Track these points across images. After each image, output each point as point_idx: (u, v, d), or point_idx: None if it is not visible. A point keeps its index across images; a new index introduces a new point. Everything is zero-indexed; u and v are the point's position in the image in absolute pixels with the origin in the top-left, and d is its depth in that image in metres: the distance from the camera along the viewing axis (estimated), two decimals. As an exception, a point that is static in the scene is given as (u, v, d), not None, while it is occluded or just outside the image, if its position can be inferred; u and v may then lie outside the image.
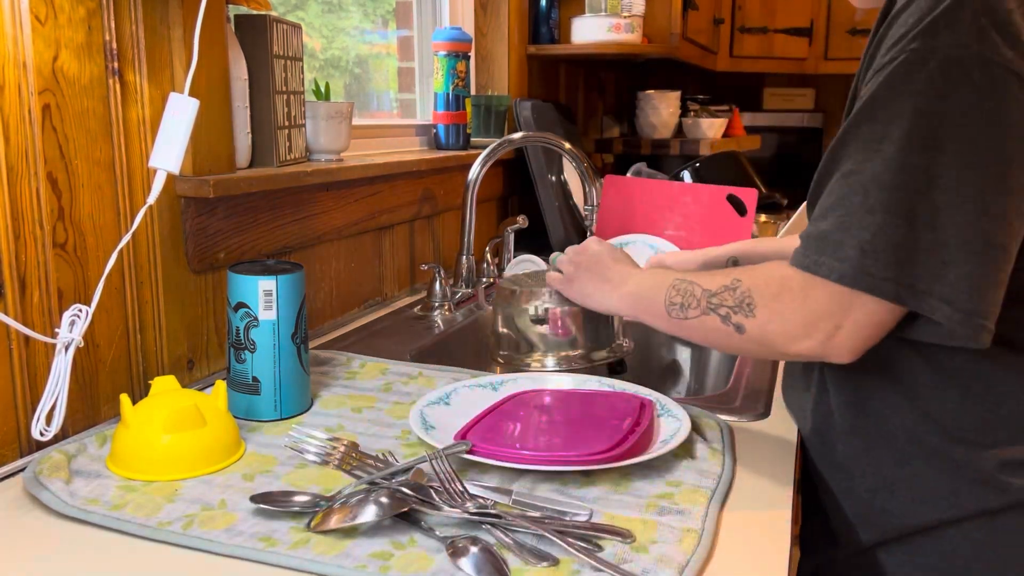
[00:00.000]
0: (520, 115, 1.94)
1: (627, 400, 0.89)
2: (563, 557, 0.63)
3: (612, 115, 3.03)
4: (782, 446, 0.87)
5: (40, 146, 0.82)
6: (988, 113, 0.67)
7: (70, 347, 0.78)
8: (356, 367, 1.09)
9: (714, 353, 1.35)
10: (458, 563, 0.62)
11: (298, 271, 0.91)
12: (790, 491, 0.77)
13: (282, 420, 0.91)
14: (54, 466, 0.76)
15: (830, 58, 3.02)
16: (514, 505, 0.71)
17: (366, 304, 1.44)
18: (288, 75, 1.16)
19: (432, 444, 0.79)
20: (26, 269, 0.82)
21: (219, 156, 1.04)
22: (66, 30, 0.84)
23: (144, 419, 0.78)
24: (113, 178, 0.91)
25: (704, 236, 1.64)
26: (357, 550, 0.64)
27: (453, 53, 1.67)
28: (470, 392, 0.95)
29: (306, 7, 1.50)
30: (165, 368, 1.00)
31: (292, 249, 1.22)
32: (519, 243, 2.07)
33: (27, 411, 0.83)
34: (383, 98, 1.81)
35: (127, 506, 0.71)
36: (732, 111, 2.73)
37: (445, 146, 1.72)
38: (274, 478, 0.77)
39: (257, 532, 0.67)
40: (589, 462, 0.75)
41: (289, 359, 0.91)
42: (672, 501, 0.72)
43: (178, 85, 0.97)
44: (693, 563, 0.63)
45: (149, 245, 0.96)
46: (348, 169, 1.26)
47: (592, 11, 2.01)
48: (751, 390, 1.03)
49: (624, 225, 1.71)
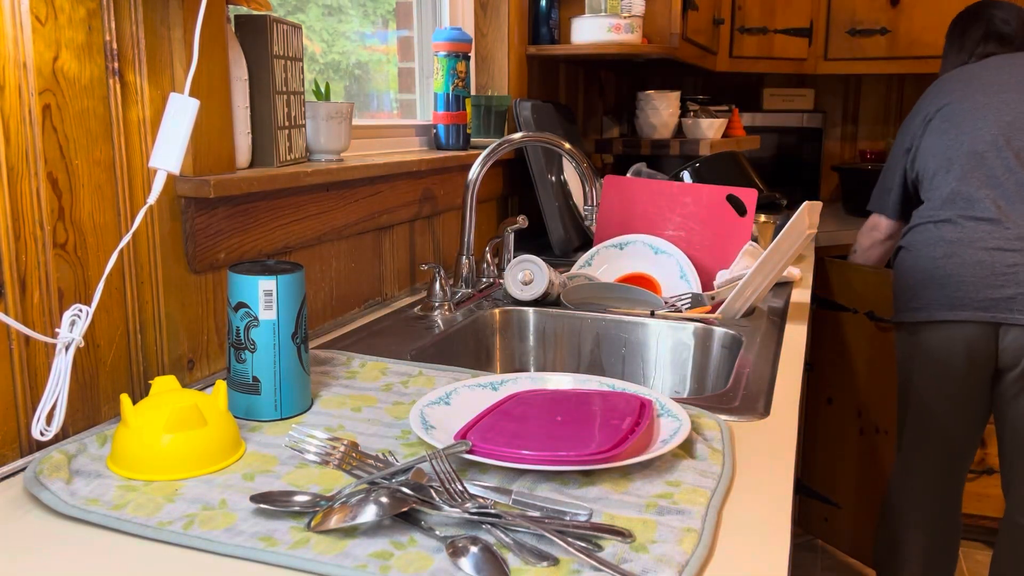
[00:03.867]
0: (520, 115, 1.94)
1: (627, 400, 0.89)
2: (563, 557, 0.63)
3: (612, 115, 3.03)
4: (782, 446, 0.87)
5: (40, 146, 0.82)
6: None
7: (70, 347, 0.78)
8: (356, 367, 1.09)
9: (714, 353, 1.35)
10: (458, 563, 0.62)
11: (298, 271, 0.91)
12: (790, 491, 0.77)
13: (282, 420, 0.92)
14: (54, 466, 0.76)
15: (830, 58, 3.02)
16: (514, 505, 0.71)
17: (366, 304, 1.44)
18: (288, 75, 1.16)
19: (432, 444, 0.79)
20: (26, 269, 0.82)
21: (219, 156, 1.04)
22: (66, 30, 0.84)
23: (144, 419, 0.78)
24: (113, 178, 0.91)
25: (704, 236, 1.64)
26: (357, 550, 0.64)
27: (453, 53, 1.67)
28: (470, 392, 0.96)
29: (306, 10, 1.50)
30: (165, 368, 1.00)
31: (292, 249, 1.22)
32: (519, 243, 2.08)
33: (27, 411, 0.83)
34: (383, 98, 1.81)
35: (127, 506, 0.71)
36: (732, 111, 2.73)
37: (445, 146, 1.72)
38: (274, 478, 0.77)
39: (257, 532, 0.67)
40: (589, 462, 0.75)
41: (289, 359, 0.91)
42: (672, 501, 0.72)
43: (178, 85, 0.98)
44: (693, 563, 0.63)
45: (149, 245, 0.96)
46: (348, 169, 1.26)
47: (592, 11, 2.01)
48: (751, 390, 1.04)
49: (624, 225, 1.71)
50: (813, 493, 2.56)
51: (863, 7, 2.94)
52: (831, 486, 2.50)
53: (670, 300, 1.49)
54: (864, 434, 2.37)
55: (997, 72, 1.92)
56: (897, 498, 2.04)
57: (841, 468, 2.45)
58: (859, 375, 2.37)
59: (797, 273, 1.70)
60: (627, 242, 1.63)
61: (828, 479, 2.50)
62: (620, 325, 1.42)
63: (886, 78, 3.30)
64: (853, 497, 2.44)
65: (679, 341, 1.38)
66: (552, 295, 1.48)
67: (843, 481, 2.45)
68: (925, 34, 2.88)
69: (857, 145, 3.38)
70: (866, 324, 2.32)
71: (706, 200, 1.65)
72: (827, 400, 2.47)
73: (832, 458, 2.48)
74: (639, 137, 2.53)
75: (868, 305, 2.30)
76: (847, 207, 3.08)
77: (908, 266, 1.92)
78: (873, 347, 2.31)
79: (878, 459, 2.35)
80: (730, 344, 1.31)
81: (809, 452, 2.55)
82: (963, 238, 1.81)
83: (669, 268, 1.58)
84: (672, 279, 1.57)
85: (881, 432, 2.32)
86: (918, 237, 1.91)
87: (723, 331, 1.33)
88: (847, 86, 3.36)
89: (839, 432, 2.45)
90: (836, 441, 2.46)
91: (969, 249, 1.80)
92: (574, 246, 1.99)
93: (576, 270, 1.61)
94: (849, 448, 2.42)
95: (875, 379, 2.32)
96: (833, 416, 2.46)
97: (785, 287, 1.65)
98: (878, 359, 2.31)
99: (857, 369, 2.37)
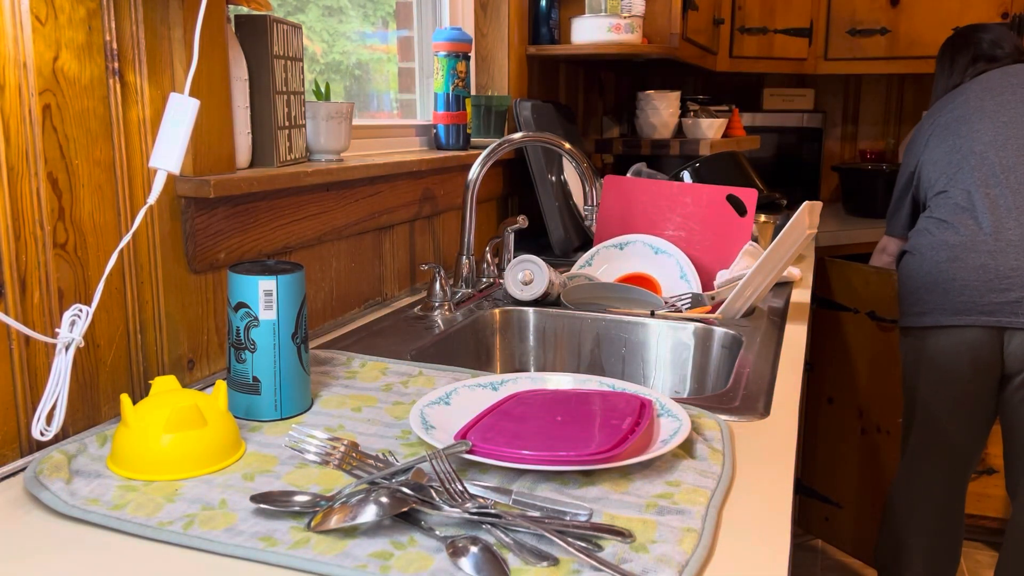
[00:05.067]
0: (520, 115, 1.94)
1: (627, 400, 0.89)
2: (563, 557, 0.63)
3: (612, 115, 3.03)
4: (782, 446, 0.87)
5: (40, 146, 0.82)
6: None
7: (70, 347, 0.78)
8: (356, 367, 1.09)
9: (714, 353, 1.35)
10: (458, 563, 0.62)
11: (298, 271, 0.91)
12: (790, 491, 0.77)
13: (282, 420, 0.92)
14: (54, 466, 0.76)
15: (830, 58, 3.02)
16: (514, 505, 0.71)
17: (366, 304, 1.44)
18: (288, 75, 1.16)
19: (432, 444, 0.79)
20: (26, 269, 0.82)
21: (219, 156, 1.04)
22: (66, 30, 0.84)
23: (144, 419, 0.78)
24: (113, 178, 0.91)
25: (704, 236, 1.64)
26: (357, 550, 0.64)
27: (453, 53, 1.67)
28: (470, 392, 0.96)
29: (306, 10, 1.50)
30: (165, 368, 1.00)
31: (292, 249, 1.22)
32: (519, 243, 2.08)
33: (27, 411, 0.83)
34: (383, 98, 1.81)
35: (127, 506, 0.71)
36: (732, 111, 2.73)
37: (445, 146, 1.72)
38: (274, 478, 0.77)
39: (257, 532, 0.67)
40: (589, 462, 0.75)
41: (289, 359, 0.91)
42: (672, 501, 0.72)
43: (178, 85, 0.98)
44: (693, 563, 0.63)
45: (149, 245, 0.96)
46: (348, 169, 1.26)
47: (592, 11, 2.01)
48: (751, 390, 1.04)
49: (624, 225, 1.71)
50: (813, 493, 2.56)
51: (863, 7, 2.94)
52: (831, 486, 2.50)
53: (670, 300, 1.49)
54: (865, 434, 2.37)
55: (989, 80, 1.94)
56: (901, 502, 2.04)
57: (842, 468, 2.45)
58: (860, 375, 2.37)
59: (797, 273, 1.70)
60: (627, 242, 1.63)
61: (828, 479, 2.50)
62: (620, 325, 1.42)
63: (886, 78, 3.30)
64: (854, 497, 2.44)
65: (679, 341, 1.38)
66: (552, 295, 1.48)
67: (844, 481, 2.46)
68: (925, 34, 2.88)
69: (857, 145, 3.38)
70: (867, 324, 2.32)
71: (706, 200, 1.65)
72: (827, 400, 2.47)
73: (832, 458, 2.48)
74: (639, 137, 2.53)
75: (869, 305, 2.30)
76: (847, 207, 3.08)
77: (912, 270, 1.92)
78: (874, 347, 2.31)
79: (879, 459, 2.35)
80: (730, 344, 1.31)
81: (809, 452, 2.55)
82: (965, 242, 1.81)
83: (669, 268, 1.58)
84: (672, 279, 1.57)
85: (882, 432, 2.32)
86: (922, 241, 1.90)
87: (723, 331, 1.33)
88: (847, 86, 3.36)
89: (840, 432, 2.45)
90: (837, 441, 2.46)
91: (972, 253, 1.79)
92: (574, 246, 1.99)
93: (576, 270, 1.61)
94: (850, 448, 2.42)
95: (876, 379, 2.32)
96: (834, 416, 2.46)
97: (785, 287, 1.65)
98: (879, 359, 2.31)
99: (858, 369, 2.37)
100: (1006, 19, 2.74)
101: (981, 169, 1.82)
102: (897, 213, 2.12)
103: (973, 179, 1.83)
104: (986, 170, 1.82)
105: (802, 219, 1.30)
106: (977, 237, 1.79)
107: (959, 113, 1.92)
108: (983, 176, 1.82)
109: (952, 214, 1.85)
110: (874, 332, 2.31)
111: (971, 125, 1.87)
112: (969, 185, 1.83)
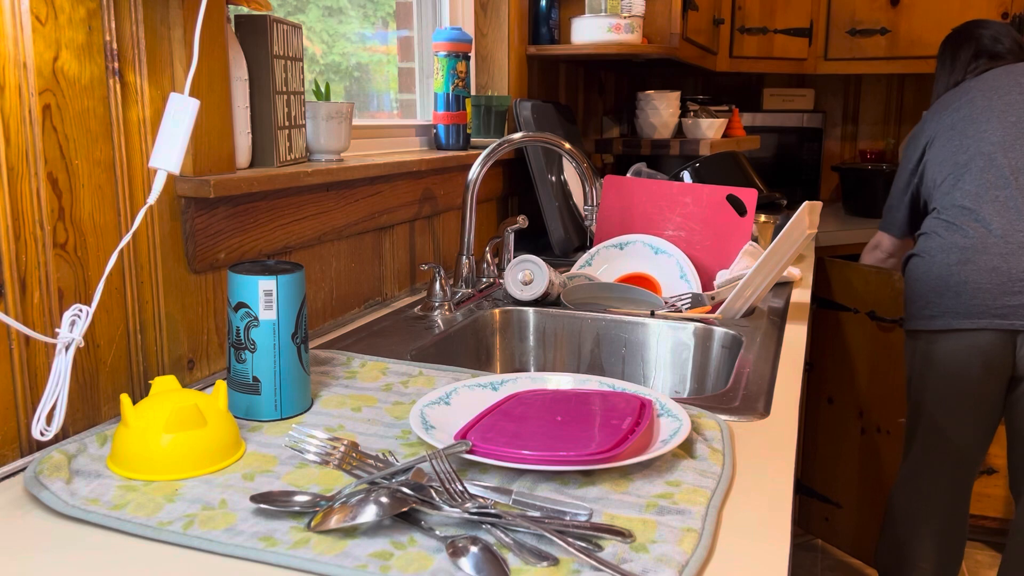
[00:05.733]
0: (520, 115, 1.94)
1: (627, 400, 0.89)
2: (563, 557, 0.63)
3: (612, 115, 3.03)
4: (782, 446, 0.87)
5: (40, 146, 0.82)
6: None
7: (70, 347, 0.78)
8: (356, 367, 1.09)
9: (714, 353, 1.35)
10: (458, 563, 0.62)
11: (298, 271, 0.91)
12: (790, 491, 0.77)
13: (282, 420, 0.92)
14: (54, 466, 0.76)
15: (830, 58, 3.02)
16: (514, 505, 0.71)
17: (366, 304, 1.44)
18: (288, 75, 1.16)
19: (432, 444, 0.79)
20: (26, 269, 0.82)
21: (219, 156, 1.04)
22: (66, 30, 0.84)
23: (144, 419, 0.78)
24: (113, 178, 0.91)
25: (704, 236, 1.64)
26: (357, 550, 0.64)
27: (453, 53, 1.67)
28: (470, 392, 0.96)
29: (306, 11, 1.50)
30: (165, 368, 1.00)
31: (292, 249, 1.22)
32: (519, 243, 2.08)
33: (27, 411, 0.83)
34: (383, 98, 1.81)
35: (127, 506, 0.71)
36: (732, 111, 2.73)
37: (445, 146, 1.72)
38: (274, 478, 0.77)
39: (257, 532, 0.67)
40: (589, 462, 0.75)
41: (289, 359, 0.91)
42: (672, 501, 0.72)
43: (178, 85, 0.98)
44: (693, 563, 0.63)
45: (149, 245, 0.96)
46: (348, 169, 1.26)
47: (592, 11, 2.01)
48: (751, 390, 1.04)
49: (624, 225, 1.71)
50: (813, 493, 2.56)
51: (863, 7, 2.94)
52: (831, 486, 2.50)
53: (670, 300, 1.49)
54: (865, 434, 2.37)
55: (995, 78, 1.93)
56: (903, 504, 2.03)
57: (842, 468, 2.45)
58: (860, 375, 2.37)
59: (797, 273, 1.70)
60: (627, 242, 1.63)
61: (828, 479, 2.50)
62: (620, 325, 1.42)
63: (886, 78, 3.31)
64: (854, 497, 2.44)
65: (679, 341, 1.38)
66: (552, 295, 1.48)
67: (844, 481, 2.46)
68: (925, 34, 2.88)
69: (857, 145, 3.38)
70: (867, 324, 2.32)
71: (706, 200, 1.65)
72: (827, 400, 2.47)
73: (832, 458, 2.48)
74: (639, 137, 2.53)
75: (869, 305, 2.30)
76: (847, 207, 3.08)
77: (921, 272, 1.90)
78: (875, 347, 2.31)
79: (879, 459, 2.35)
80: (730, 344, 1.31)
81: (809, 452, 2.55)
82: (975, 244, 1.79)
83: (669, 268, 1.58)
84: (672, 279, 1.57)
85: (882, 432, 2.32)
86: (931, 243, 1.88)
87: (723, 331, 1.33)
88: (847, 86, 3.36)
89: (840, 432, 2.45)
90: (836, 441, 2.46)
91: (983, 255, 1.78)
92: (574, 246, 1.99)
93: (576, 270, 1.61)
94: (850, 448, 2.42)
95: (876, 379, 2.33)
96: (834, 416, 2.46)
97: (785, 287, 1.65)
98: (879, 359, 2.31)
99: (858, 369, 2.37)
100: (1006, 19, 2.75)
101: (989, 171, 1.81)
102: (894, 211, 2.11)
103: (982, 181, 1.82)
104: (995, 172, 1.81)
105: (802, 219, 1.30)
106: (987, 239, 1.78)
107: (965, 113, 1.91)
108: (992, 178, 1.81)
109: (960, 216, 1.84)
110: (874, 332, 2.31)
111: (978, 125, 1.87)
112: (977, 187, 1.82)
